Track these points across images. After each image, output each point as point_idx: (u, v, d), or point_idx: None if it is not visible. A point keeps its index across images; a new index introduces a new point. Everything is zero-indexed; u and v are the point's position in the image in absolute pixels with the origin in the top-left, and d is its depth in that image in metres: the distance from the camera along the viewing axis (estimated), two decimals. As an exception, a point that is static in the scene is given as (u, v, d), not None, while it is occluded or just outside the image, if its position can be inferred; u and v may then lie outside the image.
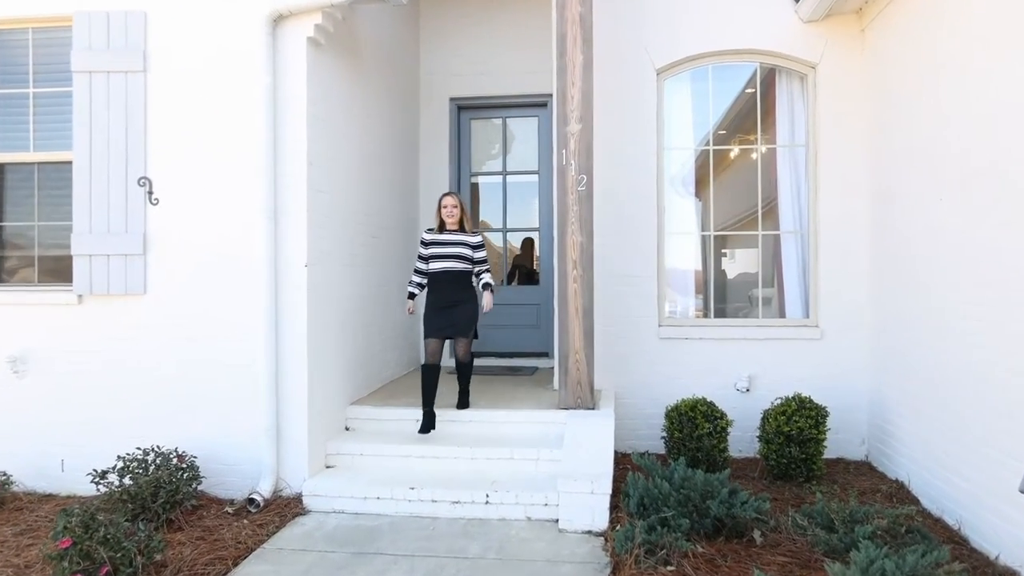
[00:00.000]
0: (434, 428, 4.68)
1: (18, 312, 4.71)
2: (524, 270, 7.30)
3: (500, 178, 7.24)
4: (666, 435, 4.90)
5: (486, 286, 4.90)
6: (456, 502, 4.09)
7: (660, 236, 5.71)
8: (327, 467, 4.61)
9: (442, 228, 4.90)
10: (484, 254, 4.92)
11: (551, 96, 5.27)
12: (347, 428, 4.98)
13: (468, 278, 4.88)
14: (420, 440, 4.63)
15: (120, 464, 4.07)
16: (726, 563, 3.36)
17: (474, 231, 4.99)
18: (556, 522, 3.93)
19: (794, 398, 4.80)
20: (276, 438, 4.38)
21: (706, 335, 5.62)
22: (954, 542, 3.69)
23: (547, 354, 6.80)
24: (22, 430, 4.66)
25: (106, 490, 4.04)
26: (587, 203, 4.72)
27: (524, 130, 7.20)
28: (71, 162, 4.61)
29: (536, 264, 7.20)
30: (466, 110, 7.14)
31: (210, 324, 4.49)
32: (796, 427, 4.62)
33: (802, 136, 5.67)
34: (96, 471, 4.09)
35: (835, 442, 5.14)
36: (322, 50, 4.64)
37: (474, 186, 7.29)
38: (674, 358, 5.61)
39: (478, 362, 6.69)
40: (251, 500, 4.19)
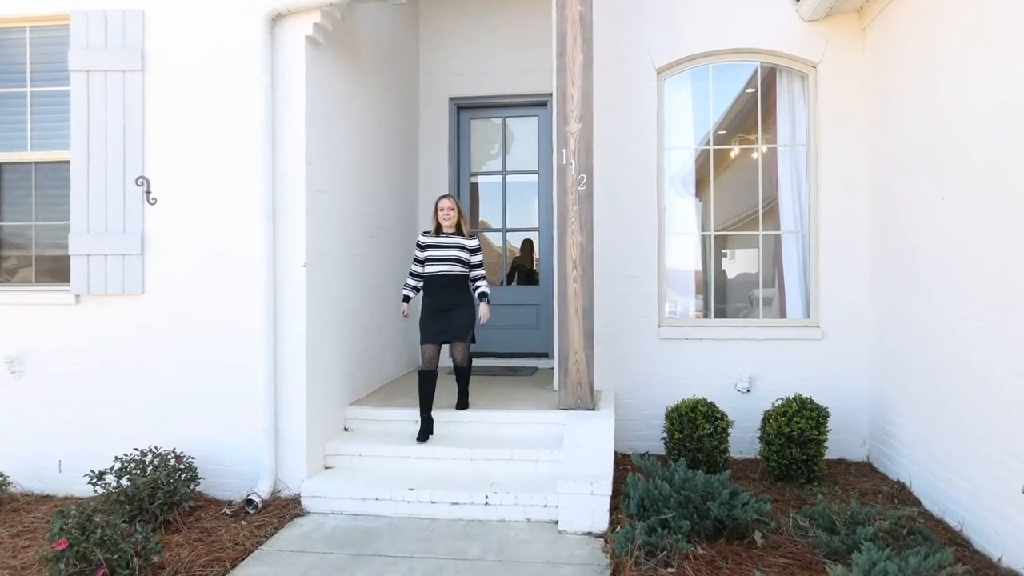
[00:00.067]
0: (432, 434, 4.64)
1: (15, 312, 4.69)
2: (524, 270, 7.28)
3: (500, 178, 7.23)
4: (666, 436, 4.88)
5: (482, 296, 4.84)
6: (455, 503, 4.08)
7: (660, 236, 5.70)
8: (326, 468, 4.59)
9: (438, 231, 4.86)
10: (481, 258, 4.88)
11: (551, 96, 5.25)
12: (346, 429, 4.96)
13: (465, 281, 4.84)
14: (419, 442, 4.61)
15: (117, 465, 4.05)
16: (727, 565, 3.34)
17: (471, 234, 4.95)
18: (556, 523, 3.91)
19: (795, 399, 4.79)
20: (275, 439, 4.37)
21: (706, 335, 5.60)
22: (956, 544, 3.67)
23: (547, 354, 6.78)
24: (19, 431, 4.64)
25: (103, 491, 4.02)
26: (587, 203, 4.70)
27: (524, 130, 7.18)
28: (69, 161, 4.59)
29: (536, 264, 7.18)
30: (466, 110, 7.13)
31: (208, 324, 4.48)
32: (797, 428, 4.60)
33: (803, 136, 5.65)
34: (93, 472, 4.07)
35: (836, 443, 5.12)
36: (321, 49, 4.62)
37: (474, 186, 7.27)
38: (674, 358, 5.59)
39: (478, 362, 6.68)
40: (249, 501, 4.17)
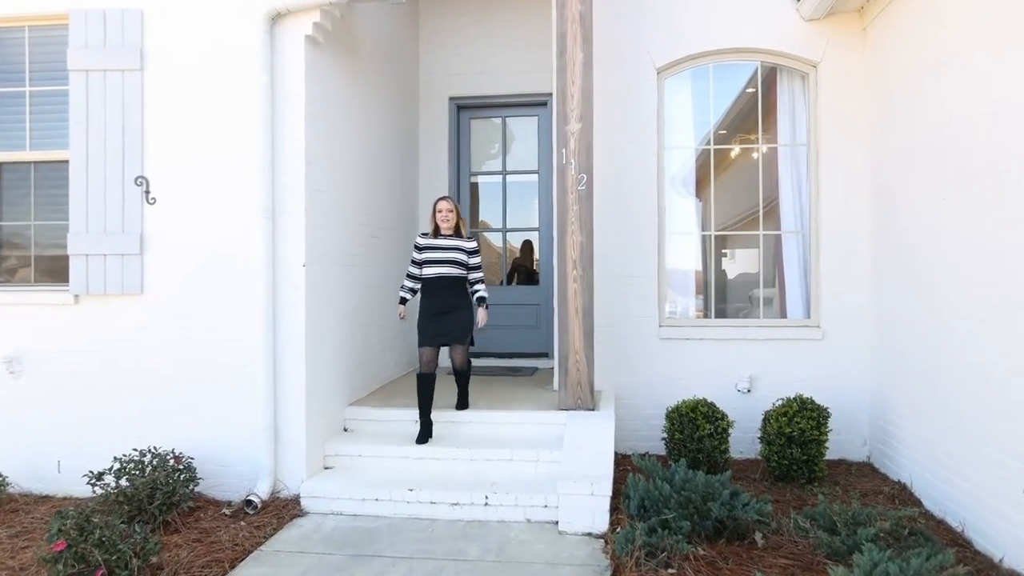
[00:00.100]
0: (431, 437, 4.63)
1: (14, 312, 4.68)
2: (524, 270, 7.27)
3: (500, 178, 7.21)
4: (667, 436, 4.87)
5: (480, 301, 4.83)
6: (455, 504, 4.07)
7: (660, 236, 5.68)
8: (325, 468, 4.58)
9: (436, 232, 4.82)
10: (479, 260, 4.85)
11: (551, 95, 5.24)
12: (346, 429, 4.95)
13: (463, 284, 4.80)
14: (419, 442, 4.62)
15: (116, 465, 4.04)
16: (727, 566, 3.33)
17: (470, 237, 4.92)
18: (556, 524, 3.90)
19: (795, 399, 4.78)
20: (274, 439, 4.36)
21: (707, 335, 5.59)
22: (957, 544, 3.65)
23: (547, 354, 6.77)
24: (18, 431, 4.63)
25: (102, 492, 4.01)
26: (587, 202, 4.69)
27: (524, 129, 7.17)
28: (68, 161, 4.58)
29: (536, 265, 7.17)
30: (466, 109, 7.12)
31: (207, 324, 4.47)
32: (797, 428, 4.59)
33: (803, 135, 5.64)
34: (92, 472, 4.06)
35: (837, 443, 5.10)
36: (320, 49, 4.61)
37: (474, 186, 7.26)
38: (675, 359, 5.58)
39: (478, 363, 6.68)
40: (248, 502, 4.16)
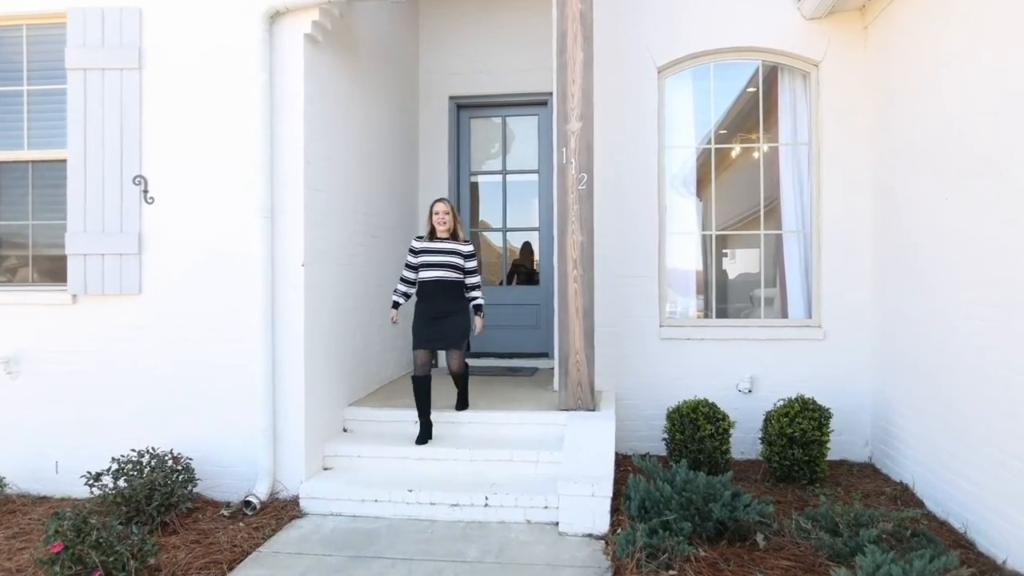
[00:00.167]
0: (431, 438, 4.60)
1: (12, 312, 4.66)
2: (524, 271, 7.24)
3: (500, 177, 7.19)
4: (667, 437, 4.85)
5: (477, 308, 4.83)
6: (455, 504, 4.04)
7: (661, 235, 5.66)
8: (325, 469, 4.56)
9: (432, 235, 4.78)
10: (475, 264, 4.82)
11: (551, 94, 5.22)
12: (345, 429, 4.93)
13: (460, 288, 4.75)
14: (419, 442, 4.59)
15: (114, 466, 4.02)
16: (729, 567, 3.31)
17: (466, 240, 4.87)
18: (556, 525, 3.88)
19: (797, 399, 4.75)
20: (273, 439, 4.33)
21: (708, 335, 5.57)
22: (960, 546, 3.63)
23: (547, 355, 6.75)
24: (16, 431, 4.61)
25: (100, 493, 3.99)
26: (587, 202, 4.67)
27: (524, 129, 7.15)
28: (66, 160, 4.56)
29: (536, 265, 7.15)
30: (466, 109, 7.09)
31: (206, 324, 4.45)
32: (799, 429, 4.57)
33: (805, 134, 5.62)
34: (90, 473, 4.05)
35: (838, 444, 5.08)
36: (320, 47, 4.59)
37: (474, 185, 7.24)
38: (675, 359, 5.55)
39: (478, 363, 6.67)
40: (247, 503, 4.14)
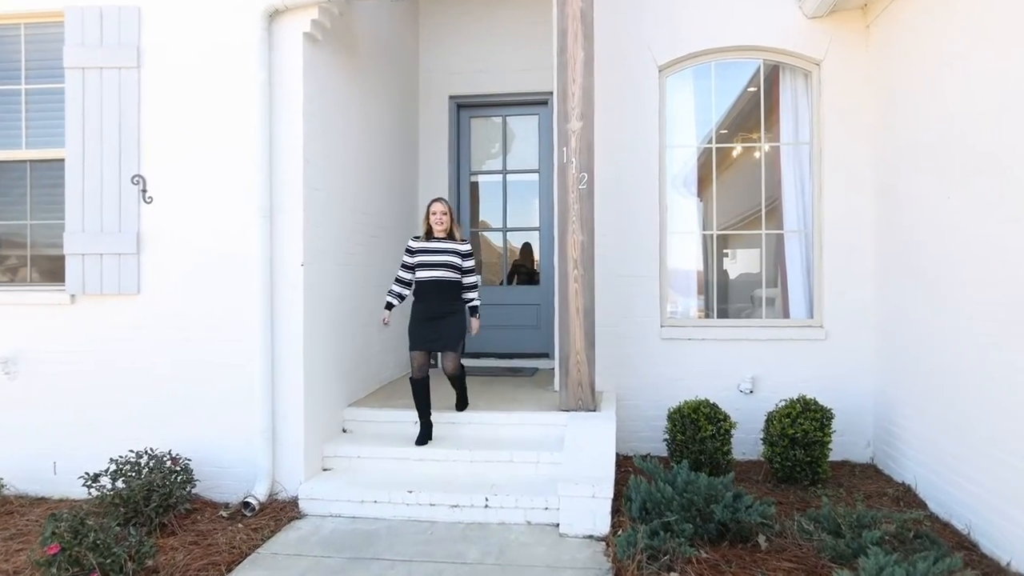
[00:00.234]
0: (431, 438, 4.58)
1: (10, 312, 4.64)
2: (524, 271, 7.22)
3: (500, 177, 7.17)
4: (668, 437, 4.82)
5: (474, 311, 4.83)
6: (455, 506, 4.02)
7: (662, 235, 5.64)
8: (324, 470, 4.54)
9: (429, 235, 4.76)
10: (472, 264, 4.79)
11: (551, 94, 5.20)
12: (344, 430, 4.91)
13: (457, 288, 4.72)
14: (418, 443, 4.57)
15: (112, 467, 4.00)
16: (731, 569, 3.28)
17: (463, 240, 4.84)
18: (557, 526, 3.86)
19: (798, 400, 4.73)
20: (272, 440, 4.32)
21: (709, 336, 5.54)
22: (964, 547, 3.61)
23: (547, 355, 6.72)
24: (14, 432, 4.59)
25: (98, 494, 3.97)
26: (588, 201, 4.65)
27: (524, 128, 7.12)
28: (64, 160, 4.54)
29: (536, 265, 7.13)
30: (466, 108, 7.07)
31: (205, 324, 4.43)
32: (801, 429, 4.54)
33: (806, 134, 5.59)
34: (88, 474, 4.02)
35: (840, 444, 5.05)
36: (319, 46, 4.57)
37: (474, 185, 7.22)
38: (676, 359, 5.53)
39: (478, 363, 6.65)
40: (246, 504, 4.12)
